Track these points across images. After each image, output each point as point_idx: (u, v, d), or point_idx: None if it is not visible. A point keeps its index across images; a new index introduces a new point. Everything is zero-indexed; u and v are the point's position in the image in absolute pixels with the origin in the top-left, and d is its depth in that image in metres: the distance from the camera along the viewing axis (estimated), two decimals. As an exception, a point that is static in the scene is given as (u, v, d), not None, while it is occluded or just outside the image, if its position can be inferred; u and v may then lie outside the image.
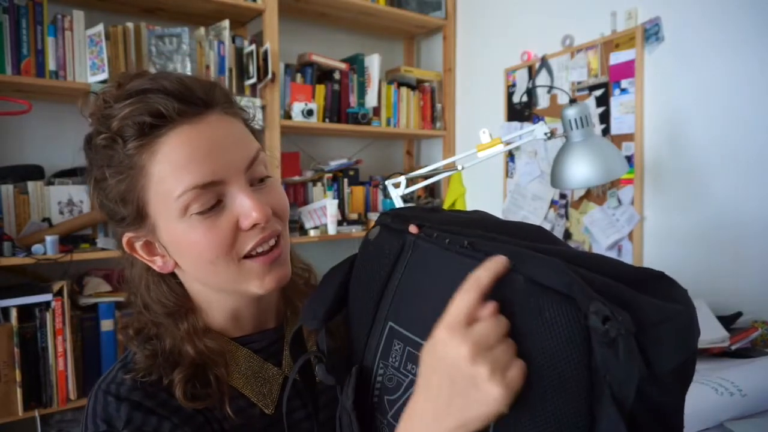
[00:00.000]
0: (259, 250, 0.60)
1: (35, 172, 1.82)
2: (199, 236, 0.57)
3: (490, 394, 0.39)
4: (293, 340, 0.59)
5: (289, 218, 0.66)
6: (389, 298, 0.52)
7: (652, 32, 1.71)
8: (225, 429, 0.60)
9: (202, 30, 2.06)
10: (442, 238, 0.49)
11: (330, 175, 2.41)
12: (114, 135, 0.57)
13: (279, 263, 0.62)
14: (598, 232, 1.87)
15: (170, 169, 0.56)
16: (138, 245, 0.62)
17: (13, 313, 1.60)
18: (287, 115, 2.22)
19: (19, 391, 1.60)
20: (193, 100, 0.57)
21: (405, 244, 0.52)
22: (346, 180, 2.46)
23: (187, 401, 0.58)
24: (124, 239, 0.62)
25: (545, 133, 1.36)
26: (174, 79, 0.58)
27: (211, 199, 0.57)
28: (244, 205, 0.57)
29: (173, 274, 0.65)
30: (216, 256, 0.58)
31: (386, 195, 2.46)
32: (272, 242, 0.61)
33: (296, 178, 2.34)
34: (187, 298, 0.66)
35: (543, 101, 2.11)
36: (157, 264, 0.63)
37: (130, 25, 1.88)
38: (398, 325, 0.50)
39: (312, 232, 2.24)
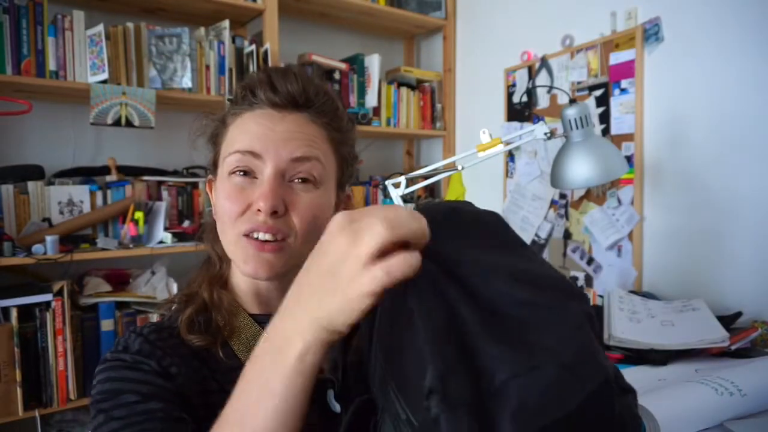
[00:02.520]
0: (256, 235, 0.63)
1: (35, 172, 1.82)
2: (224, 194, 0.65)
3: (363, 275, 0.36)
4: None
5: (312, 239, 0.56)
6: (378, 317, 0.46)
7: (652, 32, 1.71)
8: (216, 378, 0.64)
9: (202, 30, 2.06)
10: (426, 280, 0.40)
11: (330, 175, 2.41)
12: (235, 92, 0.71)
13: (267, 258, 0.64)
14: (598, 232, 1.87)
15: (237, 132, 0.67)
16: (212, 187, 0.72)
17: (13, 313, 1.60)
18: (287, 115, 2.22)
19: (19, 391, 1.60)
20: (288, 95, 0.66)
21: None
22: (346, 180, 2.46)
23: (188, 332, 0.65)
24: (208, 179, 0.74)
25: (545, 133, 1.36)
26: (292, 74, 0.67)
27: (245, 166, 0.64)
28: (260, 191, 0.63)
29: None
30: (227, 219, 0.65)
31: (386, 195, 2.46)
32: (268, 236, 0.63)
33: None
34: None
35: (543, 101, 2.11)
36: (215, 209, 0.70)
37: (130, 25, 1.88)
38: (381, 351, 0.44)
39: (312, 232, 2.23)
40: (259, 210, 0.62)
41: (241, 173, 0.65)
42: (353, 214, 0.39)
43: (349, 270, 0.38)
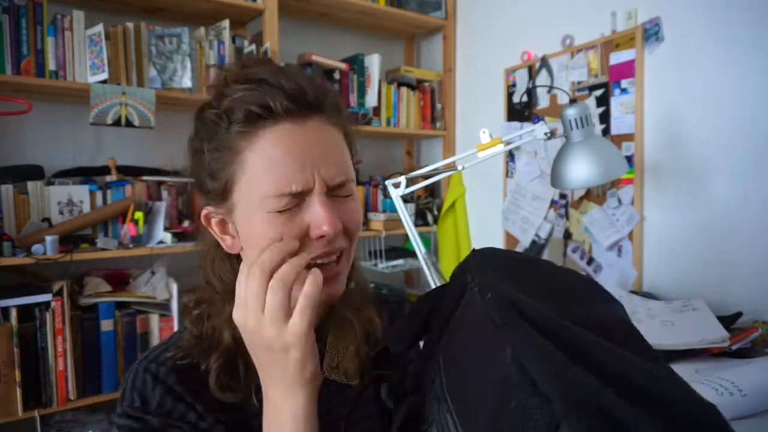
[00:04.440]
0: (319, 261, 0.61)
1: (35, 172, 1.82)
2: (271, 231, 0.59)
3: (287, 350, 0.53)
4: (377, 357, 0.63)
5: (358, 236, 0.66)
6: (445, 337, 0.51)
7: (652, 32, 1.71)
8: (249, 425, 0.62)
9: (202, 30, 2.06)
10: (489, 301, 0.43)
11: (330, 175, 2.41)
12: (223, 113, 0.59)
13: (334, 282, 0.62)
14: (598, 232, 1.87)
15: (264, 163, 0.58)
16: (214, 221, 0.65)
17: (13, 313, 1.60)
18: (287, 115, 2.22)
19: (18, 391, 1.60)
20: (303, 101, 0.59)
21: (465, 288, 0.49)
22: (346, 180, 2.46)
23: (220, 391, 0.61)
24: (204, 212, 0.65)
25: (545, 133, 1.36)
26: (291, 76, 0.60)
27: (293, 202, 0.59)
28: (318, 216, 0.58)
29: (238, 256, 0.66)
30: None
31: (386, 195, 2.45)
32: (333, 257, 0.62)
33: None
34: None
35: (543, 101, 2.11)
36: (227, 243, 0.65)
37: (130, 25, 1.88)
38: (444, 371, 0.49)
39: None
40: (322, 236, 0.59)
41: (287, 209, 0.59)
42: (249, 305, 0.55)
43: (270, 334, 0.54)
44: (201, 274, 0.69)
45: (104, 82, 1.79)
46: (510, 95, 2.26)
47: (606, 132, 1.84)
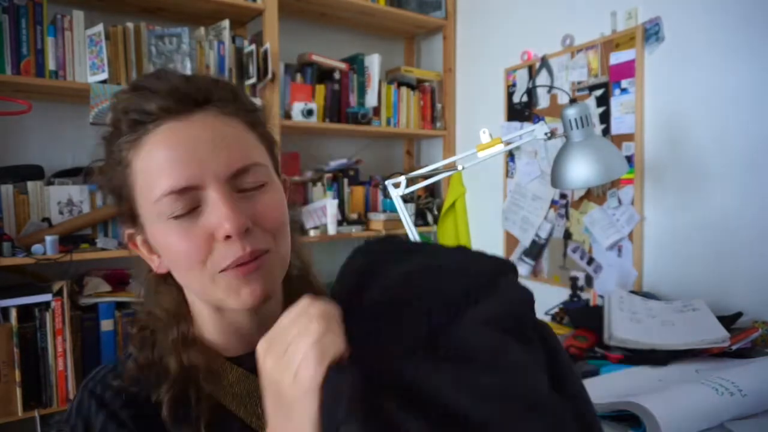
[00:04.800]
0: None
1: (35, 172, 1.82)
2: (175, 241, 0.54)
3: (294, 398, 0.42)
4: None
5: (286, 232, 0.60)
6: None
7: (652, 32, 1.71)
8: None
9: (202, 30, 2.06)
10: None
11: (330, 175, 2.41)
12: (111, 128, 0.57)
13: (257, 276, 0.55)
14: (598, 232, 1.87)
15: (150, 168, 0.54)
16: (138, 241, 0.60)
17: (13, 313, 1.60)
18: (287, 115, 2.22)
19: (18, 391, 1.60)
20: (184, 97, 0.55)
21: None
22: (346, 180, 2.46)
23: (173, 423, 0.56)
24: (126, 234, 0.61)
25: (545, 133, 1.36)
26: (171, 76, 0.56)
27: (187, 203, 0.53)
28: (217, 215, 0.53)
29: (171, 275, 0.61)
30: (190, 265, 0.55)
31: (386, 195, 2.46)
32: (248, 258, 0.56)
33: (296, 178, 2.34)
34: (184, 305, 0.63)
35: (543, 101, 2.11)
36: (155, 263, 0.60)
37: (130, 25, 1.88)
38: None
39: (312, 232, 2.24)
40: (228, 236, 0.53)
41: (186, 213, 0.54)
42: (278, 341, 0.45)
43: (293, 395, 0.43)
44: (143, 303, 0.64)
45: (104, 82, 1.78)
46: (510, 95, 2.26)
47: (606, 132, 1.84)
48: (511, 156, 2.24)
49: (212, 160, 0.54)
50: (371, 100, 2.43)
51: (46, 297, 1.65)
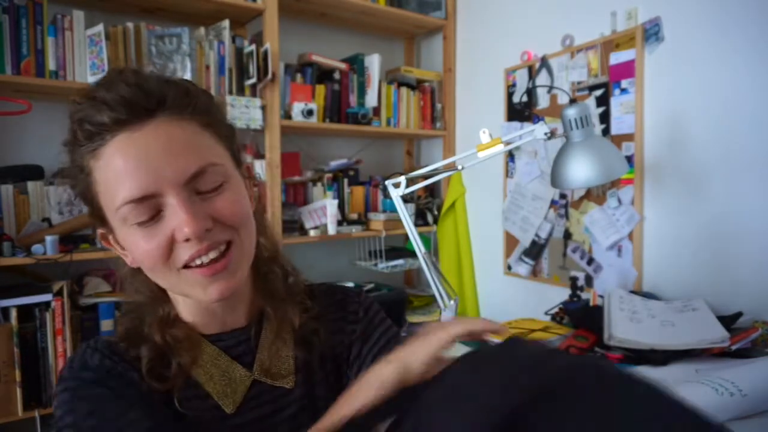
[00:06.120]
0: (198, 262, 0.59)
1: (35, 172, 1.82)
2: (138, 244, 0.58)
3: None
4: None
5: (249, 223, 0.63)
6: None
7: (652, 32, 1.71)
8: (180, 412, 0.62)
9: (202, 30, 2.06)
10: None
11: (330, 175, 2.41)
12: (70, 135, 0.60)
13: (224, 275, 0.60)
14: (598, 232, 1.87)
15: (108, 179, 0.57)
16: (111, 239, 0.64)
17: (13, 313, 1.60)
18: (287, 115, 2.22)
19: (19, 391, 1.60)
20: (135, 106, 0.56)
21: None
22: (346, 180, 2.46)
23: (149, 377, 0.61)
24: (98, 233, 0.65)
25: (545, 133, 1.36)
26: (121, 85, 0.57)
27: (148, 210, 0.57)
28: (177, 219, 0.56)
29: None
30: (153, 264, 0.59)
31: (386, 195, 2.46)
32: (213, 255, 0.59)
33: (296, 178, 2.34)
34: (162, 291, 0.67)
35: (543, 101, 2.11)
36: (128, 259, 0.64)
37: (130, 25, 1.88)
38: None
39: (312, 232, 2.24)
40: (187, 239, 0.57)
41: (149, 219, 0.57)
42: None
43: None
44: (126, 291, 0.69)
45: (104, 82, 1.78)
46: (510, 95, 2.26)
47: (606, 132, 1.84)
48: (511, 156, 2.24)
49: (167, 168, 0.56)
50: (371, 100, 2.43)
51: (46, 297, 1.66)
